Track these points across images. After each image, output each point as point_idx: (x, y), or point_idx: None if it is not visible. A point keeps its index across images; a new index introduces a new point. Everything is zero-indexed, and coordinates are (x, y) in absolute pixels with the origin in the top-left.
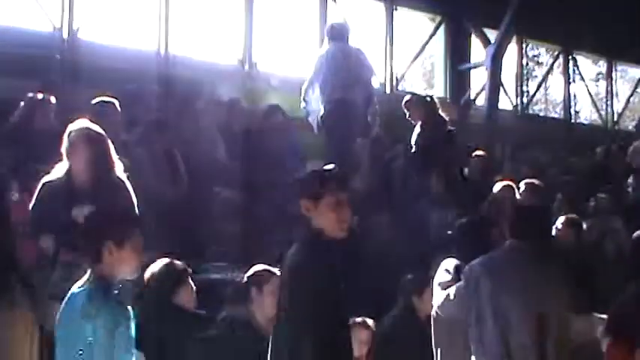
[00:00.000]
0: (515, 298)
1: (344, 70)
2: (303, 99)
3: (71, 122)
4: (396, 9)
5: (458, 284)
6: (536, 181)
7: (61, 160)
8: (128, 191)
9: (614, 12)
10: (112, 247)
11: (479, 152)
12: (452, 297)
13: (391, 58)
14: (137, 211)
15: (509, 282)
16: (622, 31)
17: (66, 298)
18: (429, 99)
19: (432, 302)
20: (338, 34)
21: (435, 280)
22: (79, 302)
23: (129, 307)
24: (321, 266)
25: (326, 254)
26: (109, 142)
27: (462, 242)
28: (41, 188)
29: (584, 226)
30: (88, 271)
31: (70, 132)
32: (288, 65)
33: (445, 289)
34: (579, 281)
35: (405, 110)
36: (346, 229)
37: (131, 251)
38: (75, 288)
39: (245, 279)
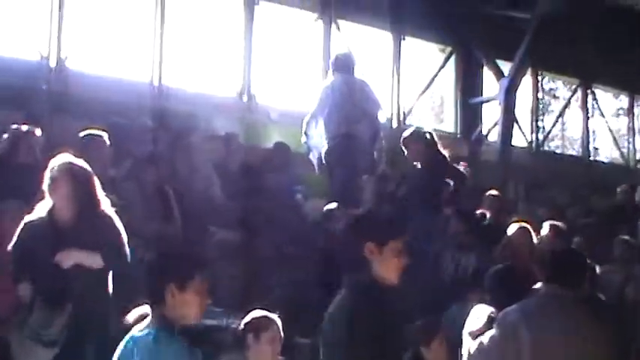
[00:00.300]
0: (556, 348)
1: (349, 103)
2: (305, 133)
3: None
4: (404, 39)
5: (491, 333)
6: (559, 223)
7: (44, 197)
8: (117, 228)
9: (636, 43)
10: (175, 289)
11: (491, 192)
12: (485, 346)
13: (398, 90)
14: (127, 248)
15: (549, 331)
16: None
17: (124, 342)
18: (428, 135)
19: (445, 352)
20: (343, 65)
21: (464, 328)
22: (144, 345)
23: (195, 349)
24: (380, 312)
25: (384, 300)
26: (95, 178)
27: (497, 289)
28: (22, 228)
29: (602, 270)
30: (150, 314)
31: (53, 167)
32: (289, 98)
33: (477, 338)
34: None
35: (403, 148)
36: (399, 276)
37: (194, 294)
38: (135, 332)
39: (242, 325)
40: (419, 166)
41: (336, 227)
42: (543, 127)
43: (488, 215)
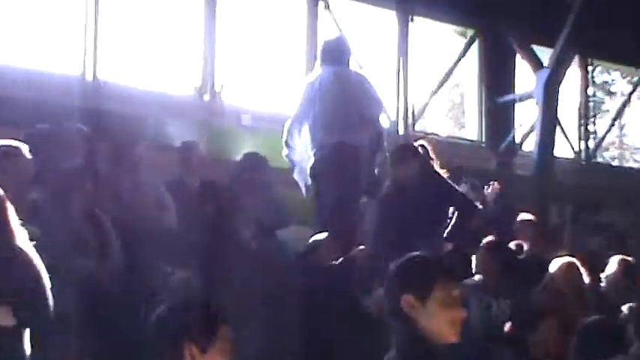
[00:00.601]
0: None
1: (342, 103)
2: (287, 144)
3: None
4: (412, 19)
5: None
6: (628, 258)
7: None
8: (32, 267)
9: None
10: (196, 351)
11: (528, 216)
12: None
13: (406, 86)
14: (49, 296)
15: None
16: None
17: None
18: (421, 149)
19: None
20: (334, 56)
21: None
22: None
23: None
24: None
25: None
26: (8, 203)
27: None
28: None
29: None
30: None
31: None
32: (265, 97)
33: None
34: None
35: (390, 167)
36: (459, 333)
37: (219, 356)
38: None
39: None
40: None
41: (324, 263)
42: (595, 133)
43: (524, 247)
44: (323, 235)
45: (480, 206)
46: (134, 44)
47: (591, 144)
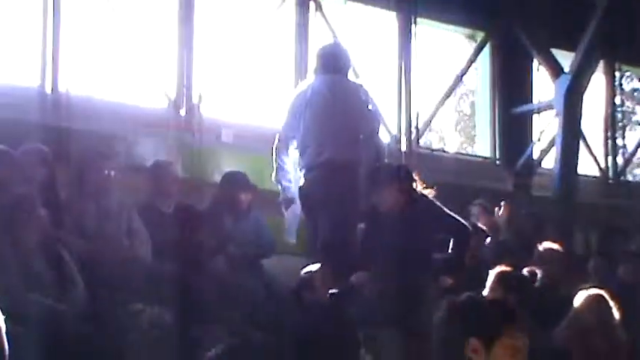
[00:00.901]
0: None
1: (337, 116)
2: (277, 164)
3: None
4: (414, 22)
5: None
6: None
7: None
8: None
9: None
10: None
11: (548, 244)
12: None
13: (409, 97)
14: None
15: None
16: None
17: None
18: (403, 173)
19: None
20: (329, 63)
21: None
22: None
23: None
24: None
25: None
26: None
27: None
28: None
29: None
30: None
31: None
32: (249, 109)
33: None
34: None
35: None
36: None
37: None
38: None
39: None
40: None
41: (317, 299)
42: (624, 147)
43: (539, 275)
44: (316, 267)
45: (486, 231)
46: (99, 51)
47: (620, 160)
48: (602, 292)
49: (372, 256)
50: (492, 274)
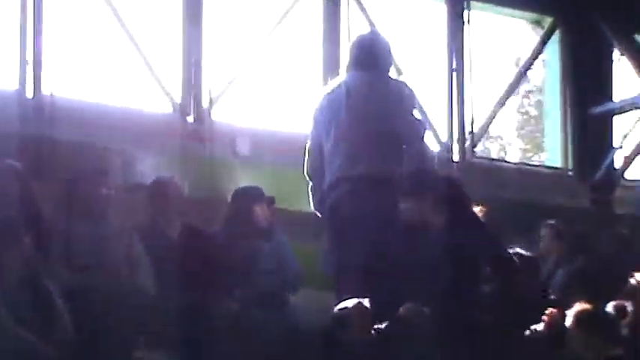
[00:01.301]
0: None
1: (374, 120)
2: (308, 175)
3: None
4: (468, 7)
5: None
6: None
7: None
8: None
9: None
10: None
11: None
12: None
13: (462, 97)
14: None
15: None
16: None
17: None
18: (443, 181)
19: None
20: (365, 57)
21: None
22: None
23: None
24: None
25: None
26: None
27: None
28: None
29: None
30: None
31: None
32: (269, 114)
33: None
34: None
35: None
36: None
37: None
38: None
39: None
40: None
41: (355, 339)
42: None
43: (629, 310)
44: (352, 303)
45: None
46: (91, 48)
47: None
48: None
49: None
50: (570, 314)
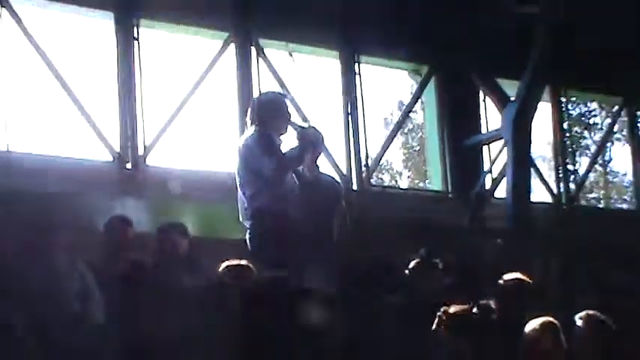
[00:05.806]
0: None
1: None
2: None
3: None
4: (357, 61)
5: None
6: (597, 314)
7: None
8: None
9: None
10: None
11: (511, 276)
12: None
13: (357, 136)
14: None
15: None
16: None
17: None
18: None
19: None
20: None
21: None
22: None
23: None
24: None
25: None
26: None
27: None
28: None
29: None
30: None
31: None
32: (198, 157)
33: None
34: None
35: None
36: None
37: None
38: None
39: None
40: None
41: None
42: (576, 172)
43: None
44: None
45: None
46: (39, 105)
47: (572, 186)
48: (551, 319)
49: None
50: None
